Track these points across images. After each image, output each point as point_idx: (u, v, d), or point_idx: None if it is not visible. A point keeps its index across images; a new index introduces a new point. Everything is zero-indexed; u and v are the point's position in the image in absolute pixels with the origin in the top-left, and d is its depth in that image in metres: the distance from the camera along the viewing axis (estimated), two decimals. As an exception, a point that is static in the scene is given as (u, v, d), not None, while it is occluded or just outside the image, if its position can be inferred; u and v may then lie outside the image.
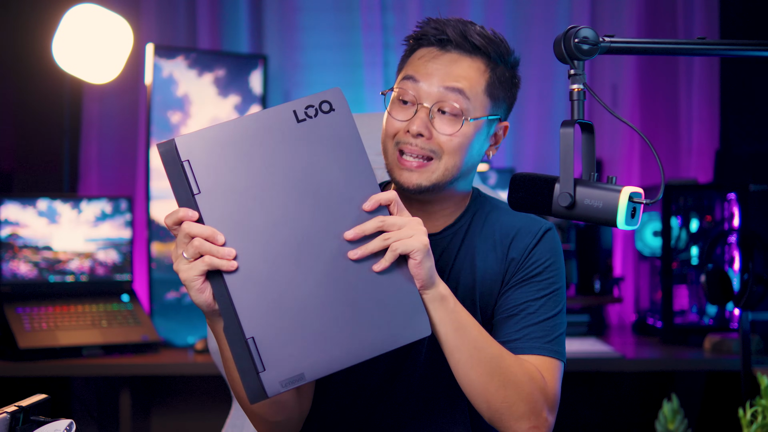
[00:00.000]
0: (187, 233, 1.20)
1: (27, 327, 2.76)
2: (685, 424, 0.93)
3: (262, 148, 1.24)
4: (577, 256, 3.18)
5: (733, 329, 2.95)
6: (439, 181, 1.42)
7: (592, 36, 1.23)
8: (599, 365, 2.71)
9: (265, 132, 1.25)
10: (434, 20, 1.46)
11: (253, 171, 1.24)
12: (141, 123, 3.40)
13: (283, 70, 3.56)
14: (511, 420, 1.34)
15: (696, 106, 3.41)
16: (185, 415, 3.24)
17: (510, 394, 1.33)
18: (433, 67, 1.42)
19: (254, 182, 1.24)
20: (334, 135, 1.27)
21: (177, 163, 1.22)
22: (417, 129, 1.39)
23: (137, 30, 3.35)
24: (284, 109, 1.26)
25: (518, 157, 3.54)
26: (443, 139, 1.40)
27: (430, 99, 1.41)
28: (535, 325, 1.43)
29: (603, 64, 3.51)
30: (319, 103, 1.27)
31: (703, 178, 3.37)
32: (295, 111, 1.26)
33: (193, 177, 1.22)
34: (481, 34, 1.44)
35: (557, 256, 1.49)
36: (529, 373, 1.36)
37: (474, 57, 1.43)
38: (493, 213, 1.53)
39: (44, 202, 2.94)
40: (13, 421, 1.38)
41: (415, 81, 1.42)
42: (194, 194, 1.22)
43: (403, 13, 3.54)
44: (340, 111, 1.28)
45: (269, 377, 1.19)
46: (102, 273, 3.00)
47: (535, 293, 1.45)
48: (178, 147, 1.22)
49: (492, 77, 1.45)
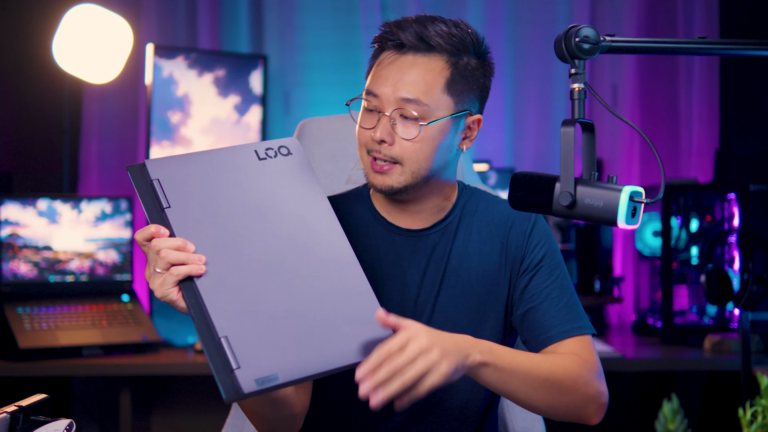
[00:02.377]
0: (158, 248, 1.23)
1: (27, 327, 2.76)
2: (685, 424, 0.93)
3: (226, 175, 1.34)
4: (577, 256, 3.18)
5: (733, 329, 2.95)
6: (409, 182, 1.44)
7: (593, 35, 1.22)
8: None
9: (230, 163, 1.36)
10: (392, 23, 1.46)
11: (219, 194, 1.32)
12: (141, 123, 3.40)
13: (283, 70, 3.56)
14: (580, 412, 1.41)
15: (696, 106, 3.41)
16: (185, 415, 3.24)
17: (571, 396, 1.39)
18: (388, 73, 1.43)
19: (220, 203, 1.31)
20: (290, 173, 1.39)
21: (147, 182, 1.29)
22: (379, 136, 1.41)
23: (137, 30, 3.35)
24: (247, 148, 1.39)
25: (518, 156, 3.54)
26: (405, 144, 1.42)
27: (389, 106, 1.42)
28: (559, 310, 1.47)
29: (603, 64, 3.51)
30: (278, 147, 1.40)
31: (703, 178, 3.37)
32: (256, 151, 1.39)
33: (163, 193, 1.28)
34: (439, 32, 1.42)
35: (550, 235, 1.54)
36: (575, 366, 1.40)
37: (431, 56, 1.42)
38: (482, 203, 1.55)
39: (44, 202, 2.94)
40: (13, 421, 1.38)
41: (374, 92, 1.43)
42: (164, 208, 1.27)
43: (403, 13, 3.48)
44: (297, 155, 1.41)
45: (244, 375, 1.19)
46: (102, 273, 3.00)
47: (548, 277, 1.49)
48: (147, 168, 1.30)
49: (453, 73, 1.43)
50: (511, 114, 3.55)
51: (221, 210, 1.31)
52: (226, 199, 1.32)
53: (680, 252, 3.03)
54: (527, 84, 3.54)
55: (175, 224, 1.27)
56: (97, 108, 3.45)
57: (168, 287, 1.22)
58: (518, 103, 3.55)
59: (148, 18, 3.47)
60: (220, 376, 1.20)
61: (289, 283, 1.29)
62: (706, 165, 3.39)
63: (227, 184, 1.33)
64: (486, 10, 3.53)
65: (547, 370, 1.37)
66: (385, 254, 1.51)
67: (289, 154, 1.40)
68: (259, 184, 1.36)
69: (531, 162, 3.52)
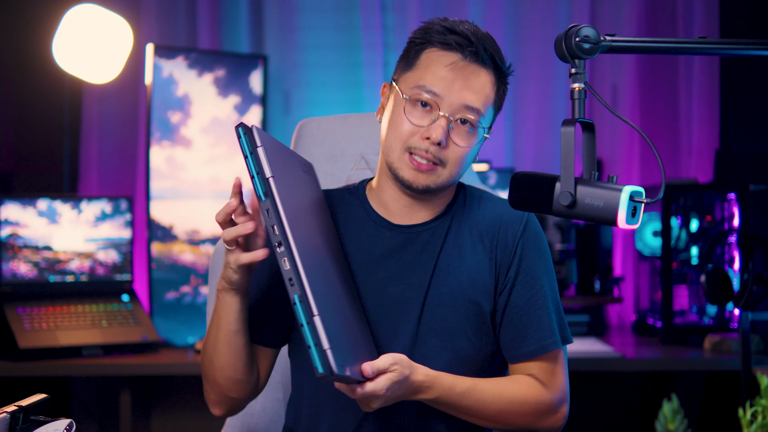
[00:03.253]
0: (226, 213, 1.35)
1: (27, 327, 2.76)
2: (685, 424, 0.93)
3: (296, 174, 1.42)
4: (577, 256, 3.18)
5: (733, 329, 2.95)
6: (444, 184, 1.47)
7: (594, 35, 1.22)
8: (599, 365, 2.71)
9: (294, 164, 1.44)
10: (451, 22, 1.46)
11: (293, 186, 1.38)
12: (141, 123, 3.40)
13: (283, 70, 3.56)
14: (535, 428, 1.48)
15: (696, 106, 3.41)
16: (185, 415, 3.24)
17: (525, 420, 1.47)
18: (454, 76, 1.43)
19: (295, 194, 1.36)
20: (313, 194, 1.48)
21: (255, 146, 1.30)
22: (437, 137, 1.42)
23: (137, 30, 3.35)
24: (296, 156, 1.49)
25: (518, 156, 3.54)
26: (455, 149, 1.44)
27: (450, 109, 1.43)
28: (538, 325, 1.48)
29: (603, 64, 3.51)
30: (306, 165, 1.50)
31: (703, 178, 3.37)
32: (300, 162, 1.48)
33: (267, 162, 1.29)
34: (495, 49, 1.46)
35: (542, 239, 1.55)
36: (534, 397, 1.47)
37: (489, 70, 1.46)
38: (476, 201, 1.55)
39: (44, 202, 2.94)
40: (13, 421, 1.38)
41: (437, 90, 1.43)
42: (268, 177, 1.29)
43: (403, 13, 3.54)
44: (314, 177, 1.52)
45: (333, 356, 1.23)
46: (102, 273, 3.00)
47: (530, 289, 1.50)
48: (254, 133, 1.30)
49: (500, 91, 1.49)
50: (511, 114, 3.55)
51: (296, 200, 1.35)
52: (297, 193, 1.38)
53: (680, 252, 3.03)
54: (527, 84, 3.53)
55: (280, 193, 1.29)
56: (97, 108, 3.45)
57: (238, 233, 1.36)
58: (518, 103, 3.55)
59: (148, 18, 3.47)
60: (317, 349, 1.24)
61: (344, 291, 1.39)
62: (706, 165, 3.39)
63: (297, 182, 1.40)
64: (486, 10, 3.52)
65: (503, 405, 1.45)
66: (372, 247, 1.52)
67: (310, 174, 1.50)
68: (308, 193, 1.44)
69: (531, 162, 3.52)
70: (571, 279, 3.12)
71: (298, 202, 1.36)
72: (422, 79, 1.44)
